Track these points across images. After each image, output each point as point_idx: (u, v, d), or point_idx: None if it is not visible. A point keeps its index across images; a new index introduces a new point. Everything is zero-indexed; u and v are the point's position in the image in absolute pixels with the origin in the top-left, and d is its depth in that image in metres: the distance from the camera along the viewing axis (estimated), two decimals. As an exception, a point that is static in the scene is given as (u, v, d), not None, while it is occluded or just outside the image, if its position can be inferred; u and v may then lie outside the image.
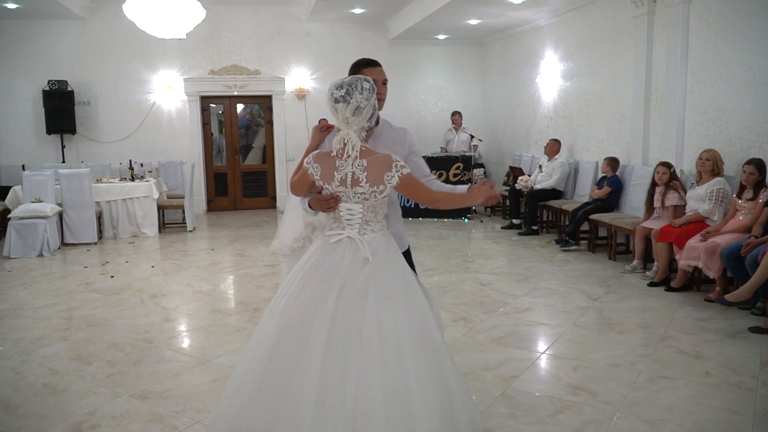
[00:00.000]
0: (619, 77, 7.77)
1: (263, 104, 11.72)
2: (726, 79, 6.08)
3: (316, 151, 2.71)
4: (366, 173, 2.53)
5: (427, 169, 2.91)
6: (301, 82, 11.44)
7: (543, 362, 4.06)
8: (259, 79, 11.29)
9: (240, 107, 11.81)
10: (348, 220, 2.62)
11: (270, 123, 11.68)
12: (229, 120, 11.69)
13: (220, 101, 11.55)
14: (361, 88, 2.53)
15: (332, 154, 2.60)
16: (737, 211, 5.37)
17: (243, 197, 11.90)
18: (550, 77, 9.54)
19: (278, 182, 11.74)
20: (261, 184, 11.97)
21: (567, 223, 7.87)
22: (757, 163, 5.23)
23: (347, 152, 2.55)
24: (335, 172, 2.57)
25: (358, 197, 2.57)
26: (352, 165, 2.54)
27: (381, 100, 2.77)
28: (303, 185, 2.70)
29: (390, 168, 2.52)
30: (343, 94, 2.53)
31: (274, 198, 11.87)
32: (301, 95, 11.46)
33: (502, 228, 9.12)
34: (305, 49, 11.40)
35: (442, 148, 10.96)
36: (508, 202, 9.43)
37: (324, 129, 2.91)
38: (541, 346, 4.38)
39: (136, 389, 3.67)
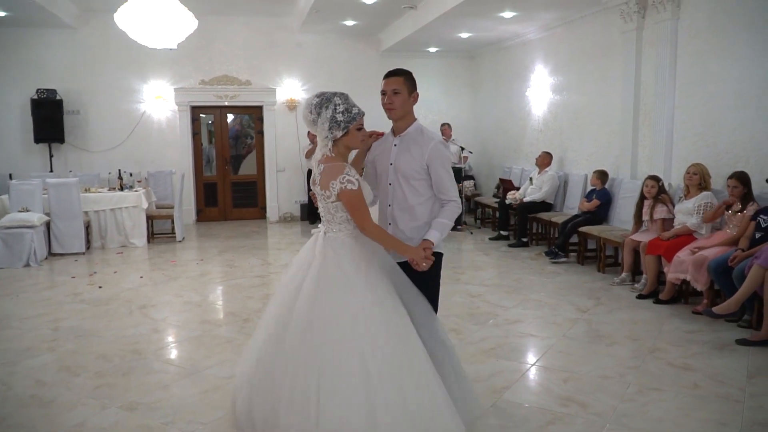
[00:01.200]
0: (608, 92, 7.87)
1: (254, 115, 11.74)
2: (714, 94, 6.18)
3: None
4: (320, 177, 2.82)
5: (446, 187, 2.96)
6: (292, 93, 11.48)
7: (533, 374, 4.09)
8: (250, 90, 11.32)
9: (230, 117, 11.83)
10: (322, 216, 2.92)
11: (260, 133, 11.70)
12: (219, 130, 11.69)
13: (211, 111, 11.56)
14: (308, 104, 2.83)
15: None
16: (726, 224, 5.45)
17: (233, 208, 11.88)
18: (540, 91, 9.65)
19: (268, 193, 11.74)
20: (251, 195, 11.96)
21: (556, 235, 7.93)
22: (738, 177, 5.32)
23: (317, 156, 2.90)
24: (315, 171, 2.90)
25: (318, 197, 2.87)
26: (317, 167, 2.86)
27: (387, 109, 2.99)
28: None
29: (336, 177, 2.74)
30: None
31: (264, 209, 11.86)
32: (292, 106, 11.51)
33: (490, 239, 9.17)
34: (297, 60, 11.46)
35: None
36: (497, 214, 9.49)
37: (371, 136, 3.11)
38: (532, 357, 4.40)
39: (124, 401, 3.65)
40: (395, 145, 3.02)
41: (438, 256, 3.00)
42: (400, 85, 2.95)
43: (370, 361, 2.59)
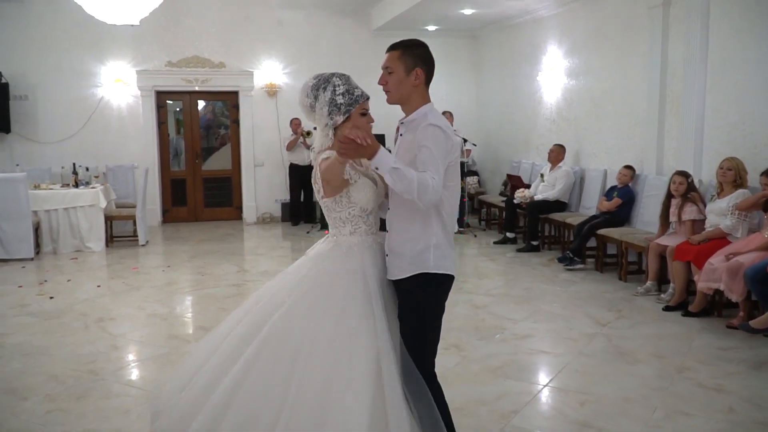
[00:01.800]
0: (631, 75, 7.89)
1: (228, 101, 11.72)
2: (750, 79, 6.20)
3: None
4: (317, 172, 2.81)
5: (425, 166, 2.56)
6: (272, 77, 11.47)
7: (546, 396, 4.09)
8: (224, 73, 11.29)
9: (201, 104, 11.79)
10: None
11: (236, 123, 11.68)
12: (189, 119, 11.66)
13: (179, 97, 11.54)
14: (304, 87, 2.83)
15: None
16: (764, 226, 5.46)
17: (204, 207, 11.86)
18: (554, 75, 9.66)
19: (245, 190, 11.71)
20: (225, 192, 11.94)
21: (571, 238, 7.93)
22: None
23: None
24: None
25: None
26: (314, 161, 2.84)
27: (385, 91, 2.79)
28: None
29: (317, 167, 2.76)
30: None
31: (240, 208, 11.83)
32: (272, 92, 11.49)
33: (495, 243, 9.18)
34: (277, 39, 11.44)
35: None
36: (504, 214, 9.50)
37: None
38: (544, 377, 4.40)
39: (79, 428, 3.62)
40: (401, 134, 2.85)
41: (443, 280, 2.74)
42: (393, 62, 2.71)
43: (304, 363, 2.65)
